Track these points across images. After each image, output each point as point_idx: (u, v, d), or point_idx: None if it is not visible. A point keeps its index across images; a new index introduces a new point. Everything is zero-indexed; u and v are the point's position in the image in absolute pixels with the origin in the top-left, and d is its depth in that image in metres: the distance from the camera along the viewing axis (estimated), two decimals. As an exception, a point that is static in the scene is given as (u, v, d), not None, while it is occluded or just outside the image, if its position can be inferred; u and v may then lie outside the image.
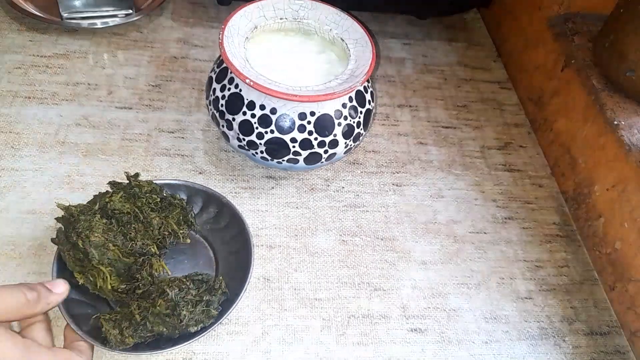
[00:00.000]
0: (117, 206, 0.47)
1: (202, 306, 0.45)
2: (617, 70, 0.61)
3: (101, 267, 0.45)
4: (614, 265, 0.58)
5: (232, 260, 0.52)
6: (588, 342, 0.54)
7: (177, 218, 0.50)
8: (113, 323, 0.43)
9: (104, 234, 0.45)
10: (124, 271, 0.46)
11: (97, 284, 0.45)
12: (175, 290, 0.44)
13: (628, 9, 0.59)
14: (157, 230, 0.48)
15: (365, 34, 0.57)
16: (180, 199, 0.52)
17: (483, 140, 0.71)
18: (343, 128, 0.54)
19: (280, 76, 0.53)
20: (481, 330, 0.53)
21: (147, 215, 0.48)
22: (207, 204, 0.54)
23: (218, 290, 0.46)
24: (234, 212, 0.53)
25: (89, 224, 0.45)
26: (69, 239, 0.45)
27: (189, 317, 0.44)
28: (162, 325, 0.43)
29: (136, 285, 0.45)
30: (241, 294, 0.47)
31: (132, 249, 0.46)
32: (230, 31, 0.54)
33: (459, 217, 0.62)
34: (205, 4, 0.81)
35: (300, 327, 0.51)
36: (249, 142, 0.54)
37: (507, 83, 0.80)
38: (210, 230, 0.54)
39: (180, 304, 0.43)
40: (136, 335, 0.43)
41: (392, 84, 0.76)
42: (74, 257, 0.45)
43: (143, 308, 0.44)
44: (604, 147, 0.61)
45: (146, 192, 0.50)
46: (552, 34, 0.72)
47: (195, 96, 0.68)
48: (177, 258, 0.52)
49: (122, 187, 0.49)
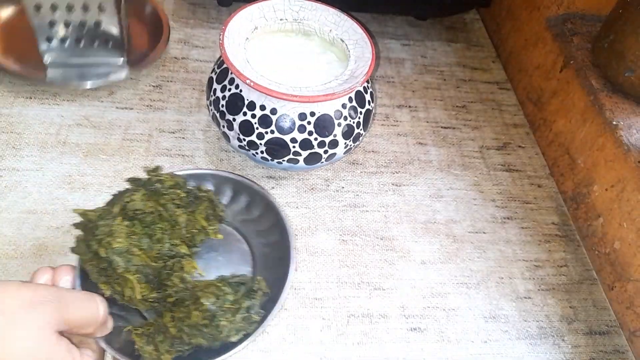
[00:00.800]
0: (138, 206, 0.42)
1: (242, 313, 0.40)
2: (616, 71, 0.61)
3: (128, 275, 0.40)
4: (613, 265, 0.58)
5: (269, 252, 0.48)
6: (587, 342, 0.54)
7: (206, 213, 0.46)
8: (146, 338, 0.40)
9: (127, 238, 0.41)
10: (153, 277, 0.41)
11: (126, 294, 0.40)
12: (211, 299, 0.39)
13: (627, 10, 0.59)
14: (184, 229, 0.44)
15: (365, 34, 0.58)
16: (206, 190, 0.47)
17: (482, 141, 0.71)
18: (343, 128, 0.54)
19: (280, 77, 0.54)
20: (480, 330, 0.53)
21: (172, 213, 0.43)
22: (238, 193, 0.50)
23: (258, 293, 0.42)
24: (267, 201, 0.49)
25: (109, 228, 0.40)
26: (89, 248, 0.40)
27: (229, 327, 0.39)
28: (199, 336, 0.39)
29: (168, 293, 0.41)
30: (283, 293, 0.43)
31: (160, 252, 0.42)
32: (231, 32, 0.55)
33: (458, 217, 0.62)
34: (205, 4, 0.81)
35: (300, 326, 0.51)
36: (249, 143, 0.54)
37: (506, 83, 0.81)
38: (243, 221, 0.50)
39: (218, 314, 0.39)
40: (173, 350, 0.39)
41: (392, 84, 0.76)
42: (97, 266, 0.40)
43: (177, 319, 0.39)
44: (603, 147, 0.61)
45: (169, 187, 0.44)
46: (551, 34, 0.72)
47: (195, 97, 0.68)
48: (209, 255, 0.47)
49: (142, 184, 0.44)
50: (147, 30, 0.73)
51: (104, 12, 0.62)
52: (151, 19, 0.73)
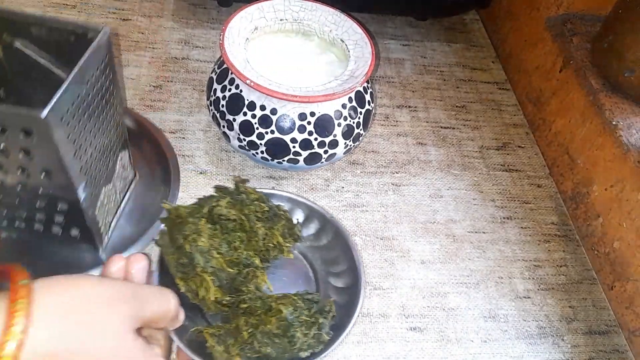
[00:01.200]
0: (223, 212, 0.44)
1: (315, 329, 0.41)
2: (615, 71, 0.61)
3: (204, 274, 0.41)
4: (613, 265, 0.58)
5: (332, 283, 0.48)
6: (587, 341, 0.55)
7: (282, 230, 0.46)
8: (217, 338, 0.40)
9: (209, 239, 0.42)
10: (226, 282, 0.42)
11: (200, 294, 0.41)
12: (289, 309, 0.40)
13: (627, 10, 0.59)
14: (261, 242, 0.45)
15: (364, 35, 0.58)
16: (284, 210, 0.48)
17: (482, 141, 0.72)
18: (343, 128, 0.55)
19: (280, 77, 0.54)
20: (480, 329, 0.53)
21: (253, 225, 0.44)
22: (309, 219, 0.51)
23: (329, 313, 0.43)
24: (338, 230, 0.50)
25: (196, 227, 0.42)
26: (174, 242, 0.42)
27: (302, 340, 0.40)
28: (270, 346, 0.40)
29: (242, 299, 0.41)
30: (351, 323, 0.43)
31: (237, 259, 0.42)
32: (231, 32, 0.55)
33: (458, 216, 0.62)
34: (206, 5, 0.81)
35: (301, 326, 0.51)
36: (249, 143, 0.54)
37: (505, 84, 0.81)
38: (310, 247, 0.51)
39: (295, 325, 0.39)
40: (243, 355, 0.40)
41: (392, 84, 0.77)
42: (177, 261, 0.42)
43: (251, 325, 0.40)
44: (602, 147, 0.61)
45: (253, 199, 0.46)
46: (550, 34, 0.72)
47: (196, 97, 0.68)
48: (277, 273, 0.48)
49: (228, 192, 0.46)
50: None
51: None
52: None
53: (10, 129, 0.37)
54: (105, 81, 0.43)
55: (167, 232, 0.43)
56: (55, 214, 0.45)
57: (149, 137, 0.61)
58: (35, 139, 0.37)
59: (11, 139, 0.37)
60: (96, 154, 0.44)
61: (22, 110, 0.35)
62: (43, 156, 0.39)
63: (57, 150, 0.37)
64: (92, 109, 0.42)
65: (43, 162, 0.39)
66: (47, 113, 0.35)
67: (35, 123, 0.35)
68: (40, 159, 0.39)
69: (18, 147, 0.38)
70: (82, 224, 0.45)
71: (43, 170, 0.40)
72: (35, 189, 0.42)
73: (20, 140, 0.37)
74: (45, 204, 0.44)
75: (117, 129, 0.48)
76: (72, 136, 0.39)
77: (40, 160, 0.39)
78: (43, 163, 0.39)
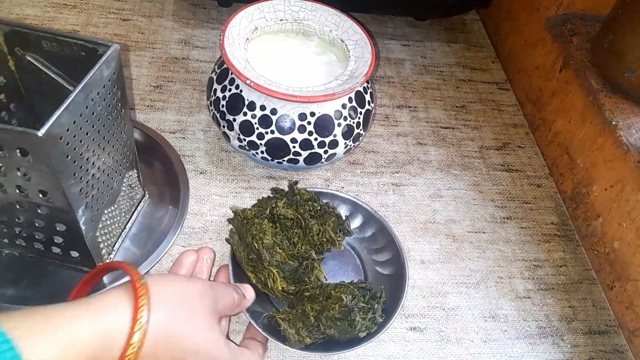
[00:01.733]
0: (281, 212, 0.50)
1: (371, 313, 0.46)
2: (615, 71, 0.61)
3: (271, 268, 0.47)
4: (613, 265, 0.58)
5: (379, 270, 0.54)
6: (586, 341, 0.55)
7: (333, 226, 0.52)
8: (288, 323, 0.46)
9: (272, 237, 0.48)
10: (289, 273, 0.48)
11: (268, 284, 0.47)
12: (349, 297, 0.46)
13: (627, 10, 0.59)
14: (316, 237, 0.50)
15: (364, 35, 0.58)
16: (333, 207, 0.54)
17: (482, 141, 0.72)
18: (343, 128, 0.55)
19: (280, 77, 0.54)
20: (480, 329, 0.53)
21: (307, 222, 0.50)
22: (354, 214, 0.56)
23: (381, 299, 0.48)
24: (381, 223, 0.55)
25: (261, 227, 0.48)
26: (243, 240, 0.49)
27: (362, 323, 0.46)
28: (333, 328, 0.45)
29: (305, 288, 0.47)
30: (400, 304, 0.49)
31: (297, 253, 0.49)
32: (231, 32, 0.55)
33: (458, 216, 0.62)
34: (206, 5, 0.81)
35: (301, 325, 0.51)
36: (249, 143, 0.54)
37: (505, 84, 0.81)
38: (356, 239, 0.56)
39: (354, 310, 0.45)
40: (311, 336, 0.45)
41: (392, 84, 0.77)
42: (247, 257, 0.48)
43: (316, 311, 0.46)
44: (602, 147, 0.61)
45: (306, 199, 0.52)
46: (550, 35, 0.72)
47: (196, 97, 0.69)
48: (329, 264, 0.54)
49: (284, 194, 0.53)
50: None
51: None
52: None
53: (6, 147, 0.36)
54: (112, 99, 0.42)
55: (236, 232, 0.50)
56: (54, 234, 0.44)
57: (160, 154, 0.59)
58: (32, 158, 0.36)
59: (8, 157, 0.36)
60: (99, 174, 0.43)
61: (17, 129, 0.34)
62: (39, 177, 0.37)
63: (54, 171, 0.36)
64: (96, 128, 0.41)
65: (39, 182, 0.38)
66: (45, 132, 0.33)
67: (32, 142, 0.34)
68: (36, 179, 0.38)
69: (14, 167, 0.37)
70: (81, 246, 0.44)
71: (40, 191, 0.39)
72: (34, 208, 0.41)
73: (16, 159, 0.36)
74: (44, 224, 0.43)
75: (125, 148, 0.47)
76: (72, 156, 0.38)
77: (36, 181, 0.38)
78: (39, 184, 0.38)
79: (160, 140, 0.61)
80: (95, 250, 0.46)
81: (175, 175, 0.58)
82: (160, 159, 0.59)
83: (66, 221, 0.42)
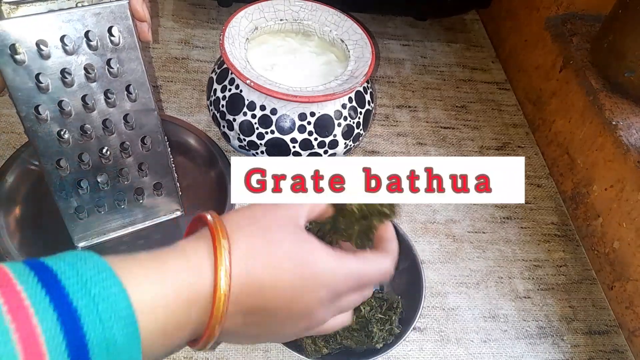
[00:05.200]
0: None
1: (388, 324, 0.47)
2: (615, 71, 0.61)
3: None
4: (613, 265, 0.58)
5: (395, 280, 0.52)
6: (587, 341, 0.55)
7: (357, 234, 0.50)
8: None
9: None
10: None
11: None
12: (367, 308, 0.46)
13: (627, 10, 0.60)
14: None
15: (364, 35, 0.58)
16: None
17: (482, 141, 0.72)
18: (343, 128, 0.55)
19: (280, 77, 0.54)
20: (480, 329, 0.53)
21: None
22: None
23: (398, 309, 0.49)
24: (397, 231, 0.53)
25: None
26: None
27: (379, 334, 0.46)
28: (350, 339, 0.46)
29: None
30: (417, 315, 0.48)
31: None
32: (231, 32, 0.55)
33: (458, 216, 0.62)
34: (206, 5, 0.81)
35: (301, 326, 0.51)
36: (249, 143, 0.54)
37: (505, 84, 0.81)
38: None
39: (372, 321, 0.46)
40: (328, 346, 0.45)
41: (392, 84, 0.77)
42: None
43: None
44: (602, 147, 0.61)
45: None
46: (550, 35, 0.72)
47: (196, 97, 0.68)
48: None
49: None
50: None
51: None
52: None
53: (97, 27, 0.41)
54: None
55: None
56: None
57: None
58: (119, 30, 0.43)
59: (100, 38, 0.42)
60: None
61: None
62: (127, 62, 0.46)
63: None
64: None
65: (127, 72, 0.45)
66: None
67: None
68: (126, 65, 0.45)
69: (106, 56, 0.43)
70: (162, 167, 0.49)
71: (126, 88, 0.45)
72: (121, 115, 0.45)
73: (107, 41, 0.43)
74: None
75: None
76: None
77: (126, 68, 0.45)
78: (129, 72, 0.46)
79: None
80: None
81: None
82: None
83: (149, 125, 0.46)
